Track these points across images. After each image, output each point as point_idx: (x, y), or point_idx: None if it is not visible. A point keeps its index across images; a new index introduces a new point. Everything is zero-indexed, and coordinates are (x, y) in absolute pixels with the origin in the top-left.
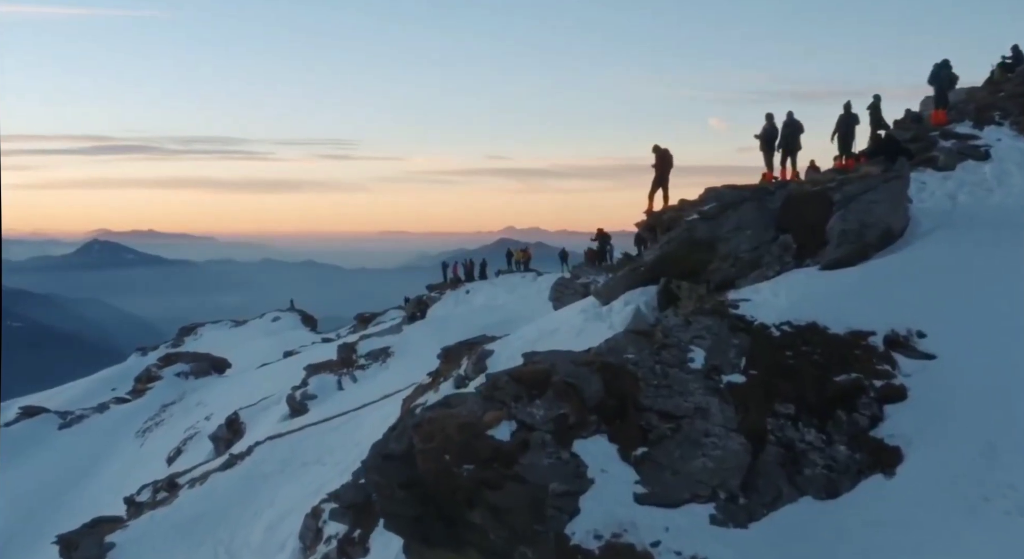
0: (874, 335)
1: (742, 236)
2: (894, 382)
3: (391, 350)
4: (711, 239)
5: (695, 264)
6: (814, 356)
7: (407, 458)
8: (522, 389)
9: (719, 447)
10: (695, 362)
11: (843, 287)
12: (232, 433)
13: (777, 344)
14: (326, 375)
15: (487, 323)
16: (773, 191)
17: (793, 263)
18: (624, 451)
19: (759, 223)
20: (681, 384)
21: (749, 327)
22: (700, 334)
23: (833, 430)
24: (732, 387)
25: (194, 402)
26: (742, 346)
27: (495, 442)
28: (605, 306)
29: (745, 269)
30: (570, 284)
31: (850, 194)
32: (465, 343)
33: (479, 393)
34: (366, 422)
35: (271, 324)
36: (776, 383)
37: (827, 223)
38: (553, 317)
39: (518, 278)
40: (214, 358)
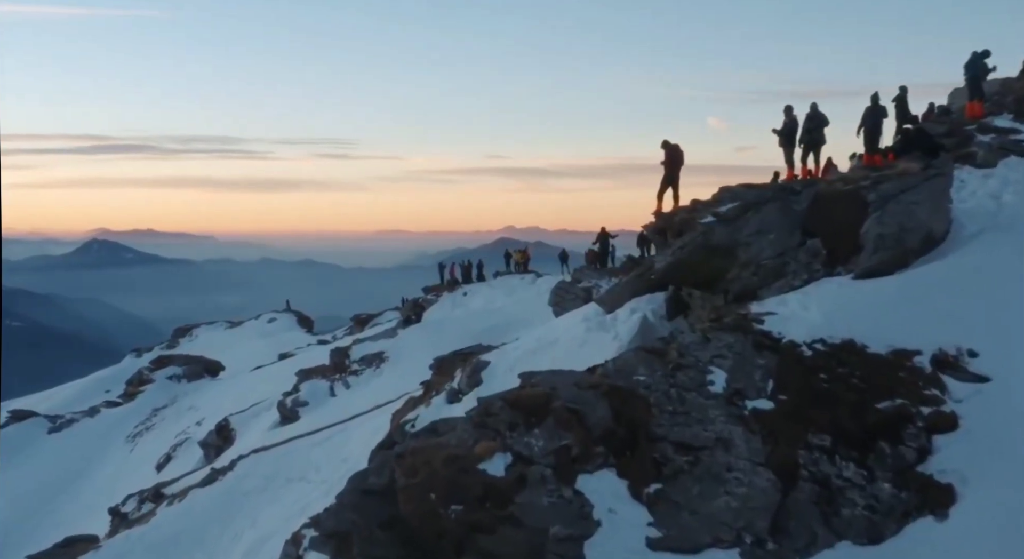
0: (920, 355)
1: (765, 241)
2: (944, 409)
3: (385, 355)
4: (730, 244)
5: (712, 272)
6: (852, 379)
7: (388, 494)
8: (518, 416)
9: (744, 484)
10: (715, 385)
11: (882, 299)
12: (222, 440)
13: (809, 365)
14: (318, 381)
15: (484, 327)
16: (799, 190)
17: (823, 271)
18: (635, 488)
19: (784, 226)
20: (700, 410)
21: (776, 345)
22: (721, 353)
23: (875, 465)
24: (758, 414)
25: (186, 406)
26: (769, 367)
27: (487, 478)
28: (609, 314)
29: (768, 278)
30: (571, 288)
31: (887, 194)
32: (459, 353)
33: (469, 419)
34: (354, 436)
35: (267, 325)
36: (809, 410)
37: (861, 226)
38: (553, 326)
39: (517, 280)
40: (207, 361)
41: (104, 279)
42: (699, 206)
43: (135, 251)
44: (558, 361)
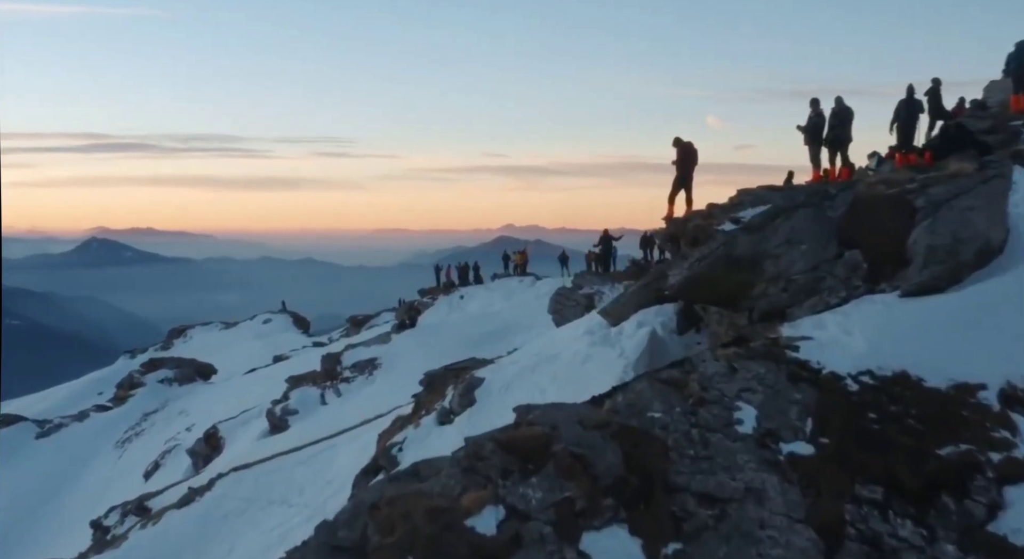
0: (985, 389)
1: (795, 252)
2: (1016, 454)
3: (378, 362)
4: (755, 256)
5: (734, 288)
6: (907, 419)
7: (359, 553)
8: (512, 461)
9: (780, 544)
10: (744, 425)
11: (937, 322)
12: (210, 448)
13: (856, 402)
14: (309, 388)
15: (481, 333)
16: (834, 194)
17: (863, 288)
18: (650, 548)
19: (818, 236)
20: (726, 455)
21: (815, 377)
22: (749, 386)
23: (936, 522)
24: (796, 460)
25: (176, 411)
26: (807, 403)
27: (476, 537)
28: (614, 327)
29: (799, 295)
30: (571, 295)
31: (938, 198)
32: (451, 368)
33: (456, 461)
34: (341, 454)
35: (262, 326)
36: (856, 456)
37: (908, 236)
38: (553, 338)
39: (515, 282)
40: (199, 364)
41: (103, 278)
42: (715, 211)
43: (134, 250)
44: (559, 379)
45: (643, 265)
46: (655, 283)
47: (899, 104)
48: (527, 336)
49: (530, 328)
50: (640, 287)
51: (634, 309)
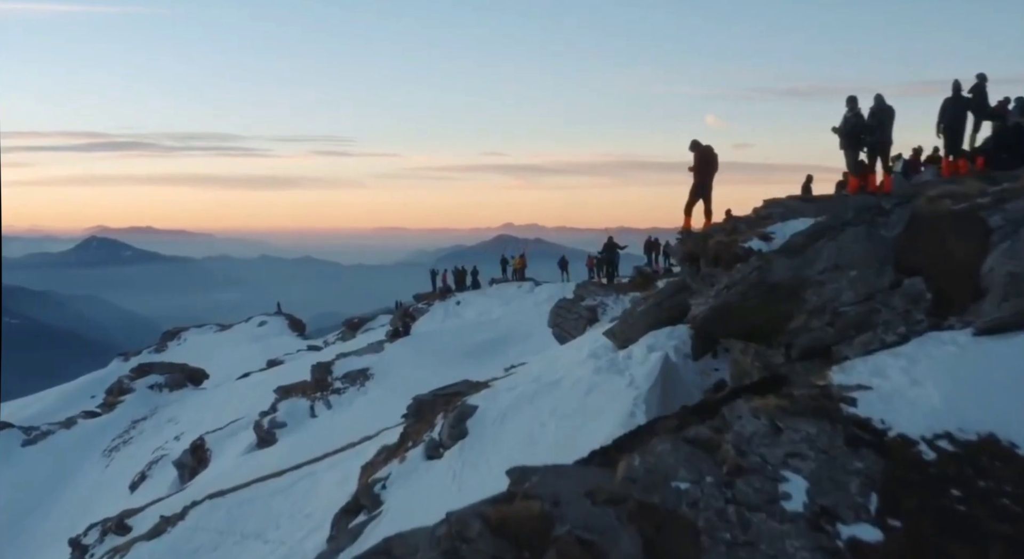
0: None
1: (844, 279)
2: None
3: (370, 372)
4: (795, 283)
5: (769, 320)
6: (1001, 498)
7: None
8: (505, 547)
9: None
10: (792, 500)
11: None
12: (197, 461)
13: (934, 474)
14: (298, 399)
15: (477, 343)
16: (889, 209)
17: (927, 323)
18: None
19: (870, 259)
20: (772, 541)
21: (881, 441)
22: (798, 450)
23: None
24: (859, 547)
25: (166, 418)
26: (871, 475)
27: None
28: (622, 351)
29: (848, 330)
30: (573, 307)
31: (1018, 216)
32: (441, 393)
33: (435, 542)
34: (322, 483)
35: (257, 329)
36: (937, 545)
37: (982, 261)
38: (554, 359)
39: (513, 288)
40: (190, 369)
41: (103, 277)
42: (739, 224)
43: (134, 248)
44: (560, 412)
45: (649, 274)
46: (667, 301)
47: (944, 102)
48: (525, 346)
49: (528, 337)
50: (651, 306)
51: (644, 330)
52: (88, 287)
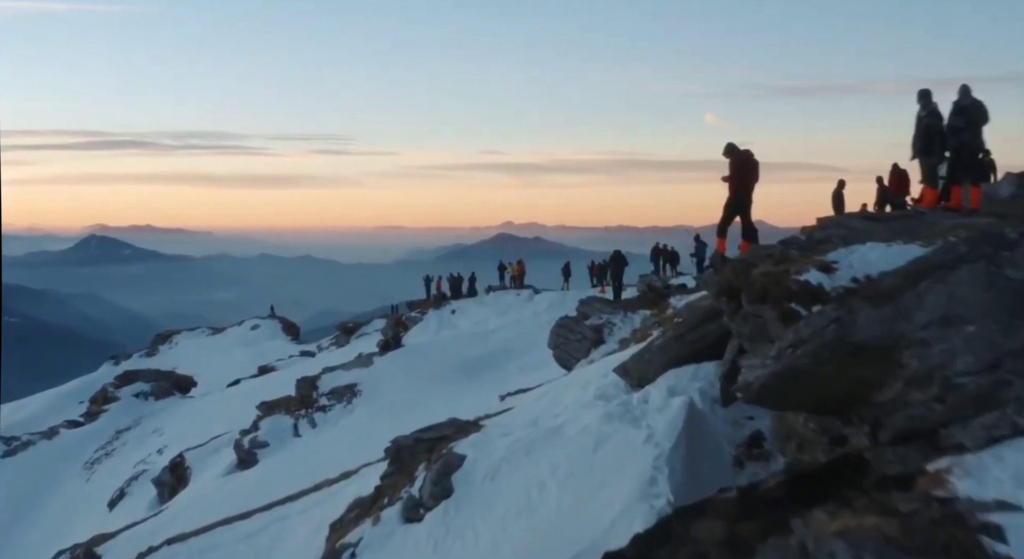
0: None
1: (957, 338)
2: None
3: (358, 388)
4: (888, 342)
5: (850, 390)
6: None
7: None
8: None
9: None
10: None
11: None
12: (176, 479)
13: None
14: (281, 417)
15: (472, 357)
16: (1014, 240)
17: None
18: None
19: (994, 310)
20: None
21: None
22: None
23: None
24: None
25: (150, 429)
26: None
27: None
28: (636, 393)
29: (965, 407)
30: (576, 327)
31: None
32: (424, 436)
33: None
34: (292, 531)
35: (249, 333)
36: None
37: None
38: (557, 398)
39: (511, 296)
40: (177, 376)
41: (102, 275)
42: (790, 250)
43: (133, 247)
44: (562, 470)
45: (659, 289)
46: (689, 334)
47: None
48: (524, 361)
49: (527, 351)
50: (670, 339)
51: (662, 367)
52: (87, 286)
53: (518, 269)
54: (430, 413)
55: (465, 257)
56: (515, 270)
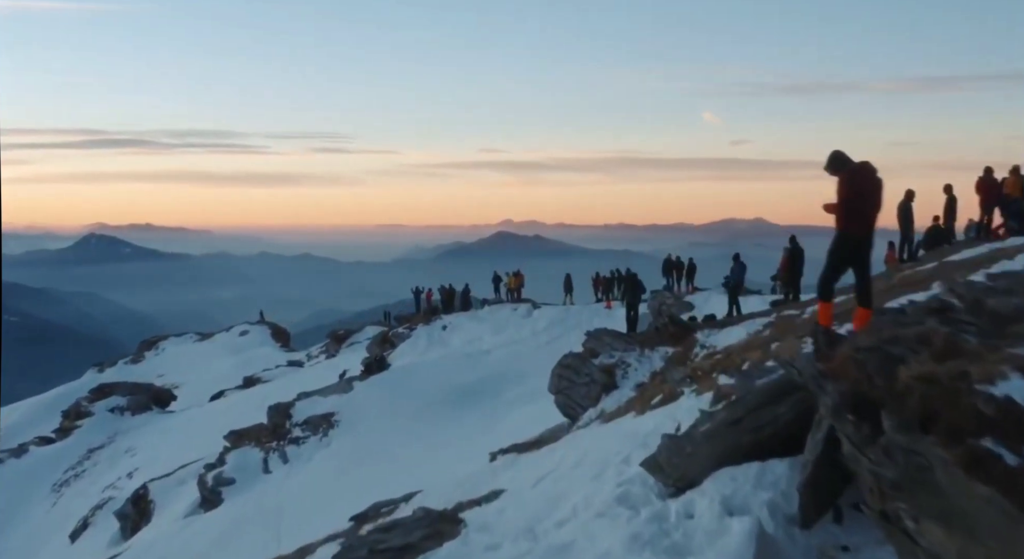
0: None
1: None
2: None
3: (335, 419)
4: None
5: None
6: None
7: None
8: None
9: None
10: None
11: None
12: (139, 514)
13: None
14: (250, 450)
15: (463, 384)
16: None
17: None
18: None
19: None
20: None
21: None
22: None
23: None
24: None
25: (123, 448)
26: None
27: None
28: (675, 499)
29: None
30: (582, 366)
31: None
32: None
33: None
34: None
35: (238, 339)
36: None
37: None
38: (561, 488)
39: (508, 311)
40: (155, 390)
41: (102, 274)
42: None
43: (133, 246)
44: None
45: (684, 324)
46: (749, 418)
47: None
48: (520, 391)
49: (524, 378)
50: (721, 424)
51: (711, 465)
52: (87, 284)
53: (515, 281)
54: (411, 456)
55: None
56: (512, 282)
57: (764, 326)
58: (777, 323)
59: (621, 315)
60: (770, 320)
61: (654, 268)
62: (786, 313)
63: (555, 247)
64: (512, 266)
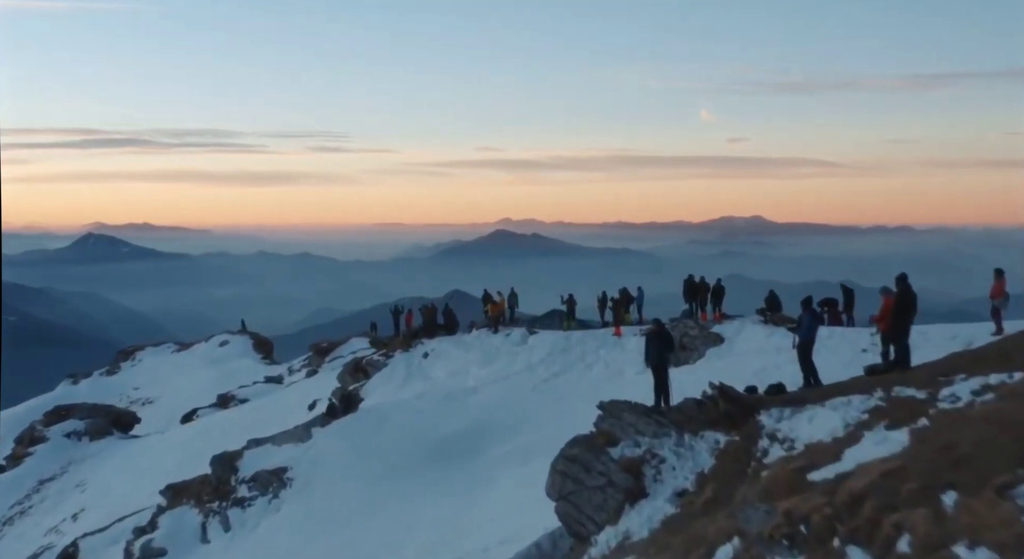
0: None
1: None
2: None
3: (288, 475)
4: None
5: None
6: None
7: None
8: None
9: None
10: None
11: None
12: None
13: None
14: (188, 510)
15: (442, 435)
16: None
17: None
18: None
19: None
20: None
21: None
22: None
23: None
24: None
25: (75, 481)
26: None
27: None
28: None
29: None
30: (595, 462)
31: None
32: None
33: None
34: None
35: (217, 350)
36: None
37: None
38: None
39: (499, 338)
40: (117, 412)
41: (100, 273)
42: None
43: (131, 245)
44: None
45: (740, 398)
46: None
47: None
48: (512, 447)
49: (515, 430)
50: None
51: None
52: (86, 284)
53: (495, 309)
54: (372, 534)
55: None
56: (492, 309)
57: (866, 411)
58: (891, 408)
59: (634, 347)
60: (874, 400)
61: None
62: (899, 391)
63: (554, 245)
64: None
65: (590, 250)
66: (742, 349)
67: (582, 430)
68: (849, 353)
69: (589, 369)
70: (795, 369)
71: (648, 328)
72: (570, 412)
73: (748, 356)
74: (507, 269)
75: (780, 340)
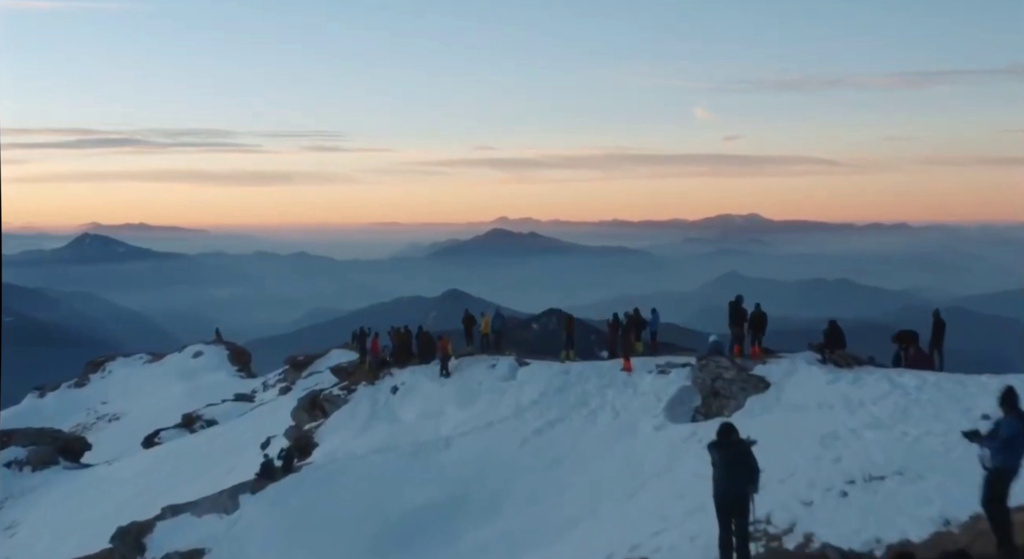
0: None
1: None
2: None
3: None
4: None
5: None
6: None
7: None
8: None
9: None
10: None
11: None
12: None
13: None
14: None
15: (404, 509)
16: None
17: None
18: None
19: None
20: None
21: None
22: None
23: None
24: None
25: (7, 522)
26: None
27: None
28: None
29: None
30: None
31: None
32: None
33: None
34: None
35: (191, 361)
36: None
37: None
38: None
39: (483, 370)
40: (65, 438)
41: (97, 273)
42: None
43: (127, 245)
44: None
45: None
46: None
47: None
48: (493, 530)
49: (498, 506)
50: None
51: None
52: (82, 284)
53: (488, 326)
54: None
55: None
56: (485, 326)
57: None
58: None
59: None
60: None
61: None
62: None
63: (550, 244)
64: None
65: (587, 248)
66: (795, 400)
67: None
68: (959, 416)
69: (593, 418)
70: (882, 439)
71: (711, 439)
72: (569, 485)
73: (806, 411)
74: (504, 268)
75: (847, 389)
